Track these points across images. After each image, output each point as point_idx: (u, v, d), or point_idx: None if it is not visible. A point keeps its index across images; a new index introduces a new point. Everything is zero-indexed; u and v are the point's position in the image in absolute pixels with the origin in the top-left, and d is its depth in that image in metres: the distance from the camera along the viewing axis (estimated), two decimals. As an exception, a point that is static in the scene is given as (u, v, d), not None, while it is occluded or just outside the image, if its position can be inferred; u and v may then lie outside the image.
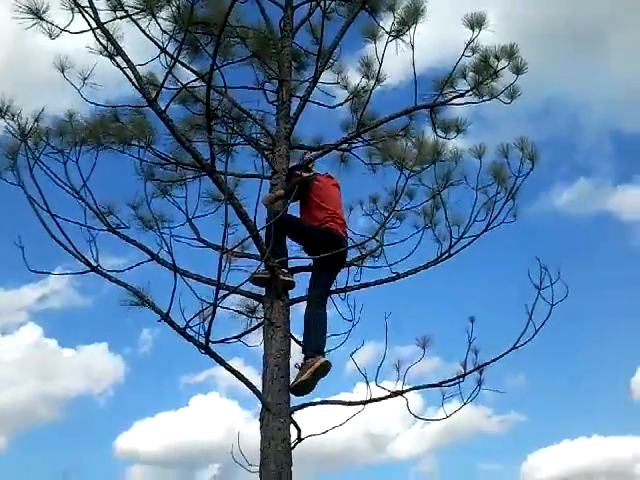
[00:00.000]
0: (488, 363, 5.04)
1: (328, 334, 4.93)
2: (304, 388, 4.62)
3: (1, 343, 14.68)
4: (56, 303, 15.12)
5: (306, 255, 5.18)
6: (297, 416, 4.65)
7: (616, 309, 13.84)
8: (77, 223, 4.55)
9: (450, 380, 5.00)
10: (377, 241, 5.56)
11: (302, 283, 5.05)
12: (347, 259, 5.28)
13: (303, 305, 4.93)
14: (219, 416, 13.78)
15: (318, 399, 4.83)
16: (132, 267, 4.83)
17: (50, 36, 4.32)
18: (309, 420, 4.85)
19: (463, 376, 5.01)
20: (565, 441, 13.78)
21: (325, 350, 4.85)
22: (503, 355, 5.04)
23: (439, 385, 5.03)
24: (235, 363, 4.63)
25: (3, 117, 4.41)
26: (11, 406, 13.96)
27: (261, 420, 4.47)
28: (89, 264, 4.49)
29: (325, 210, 5.02)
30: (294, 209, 5.19)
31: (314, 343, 4.71)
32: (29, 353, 14.60)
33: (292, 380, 4.58)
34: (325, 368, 4.62)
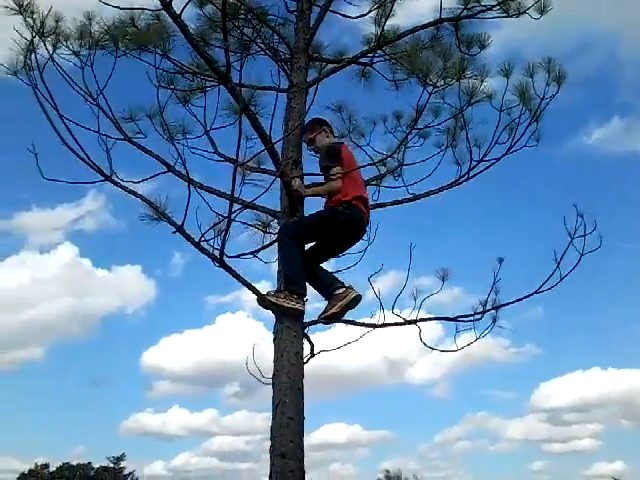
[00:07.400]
0: (506, 304, 5.00)
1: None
2: (333, 319, 4.67)
3: (39, 261, 14.93)
4: (91, 225, 15.27)
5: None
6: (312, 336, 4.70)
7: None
8: (91, 130, 4.43)
9: (466, 315, 4.98)
10: (398, 161, 5.42)
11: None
12: (365, 178, 5.13)
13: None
14: (244, 335, 14.05)
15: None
16: (148, 179, 4.72)
17: None
18: (323, 341, 4.88)
19: (481, 313, 4.98)
20: (578, 371, 13.92)
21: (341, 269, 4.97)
22: (524, 298, 4.99)
23: (454, 319, 5.01)
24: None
25: (22, 14, 4.24)
26: (47, 320, 14.38)
27: (275, 333, 4.49)
28: (102, 173, 4.40)
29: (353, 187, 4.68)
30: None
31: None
32: (65, 271, 14.90)
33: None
34: (356, 301, 4.64)
